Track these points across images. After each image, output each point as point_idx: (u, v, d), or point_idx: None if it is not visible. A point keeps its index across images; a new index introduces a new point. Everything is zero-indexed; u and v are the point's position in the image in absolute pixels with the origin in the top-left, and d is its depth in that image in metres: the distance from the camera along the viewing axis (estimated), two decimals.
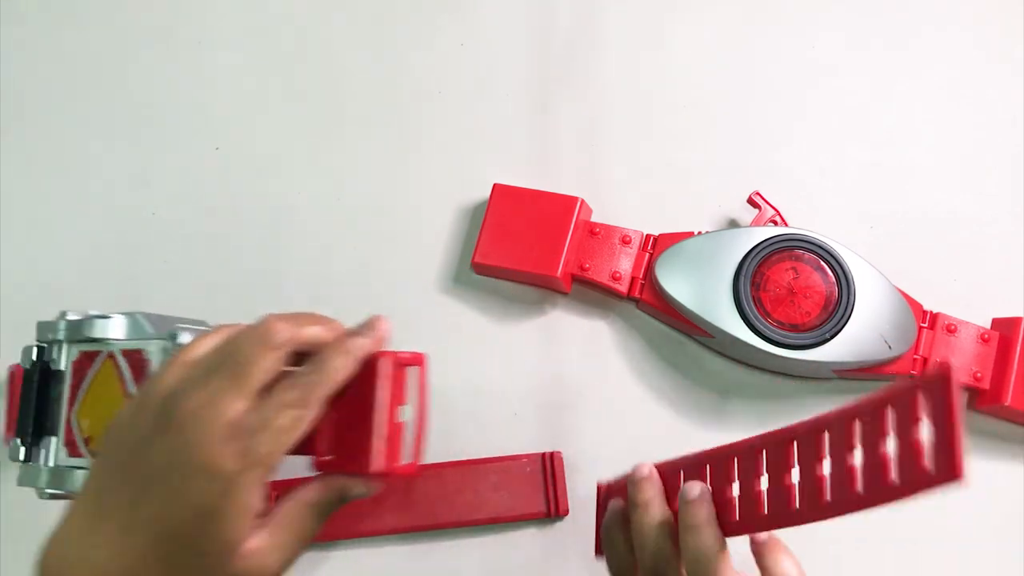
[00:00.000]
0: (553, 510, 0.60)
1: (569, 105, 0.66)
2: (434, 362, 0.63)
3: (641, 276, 0.61)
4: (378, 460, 0.40)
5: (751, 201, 0.62)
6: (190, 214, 0.66)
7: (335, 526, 0.60)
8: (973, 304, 0.61)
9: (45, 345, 0.53)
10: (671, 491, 0.46)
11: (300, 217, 0.66)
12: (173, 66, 0.68)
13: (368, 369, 0.41)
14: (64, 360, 0.53)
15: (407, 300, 0.64)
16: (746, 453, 0.43)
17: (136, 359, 0.50)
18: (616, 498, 0.49)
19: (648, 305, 0.61)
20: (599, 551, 0.50)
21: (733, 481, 0.43)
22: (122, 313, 0.51)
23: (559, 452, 0.60)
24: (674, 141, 0.66)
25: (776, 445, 0.41)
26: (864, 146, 0.65)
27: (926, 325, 0.60)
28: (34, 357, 0.53)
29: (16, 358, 0.64)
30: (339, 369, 0.40)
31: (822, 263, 0.58)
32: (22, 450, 0.53)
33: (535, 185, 0.63)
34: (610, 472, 0.52)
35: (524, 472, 0.60)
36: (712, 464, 0.45)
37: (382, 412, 0.41)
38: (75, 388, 0.52)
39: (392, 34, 0.68)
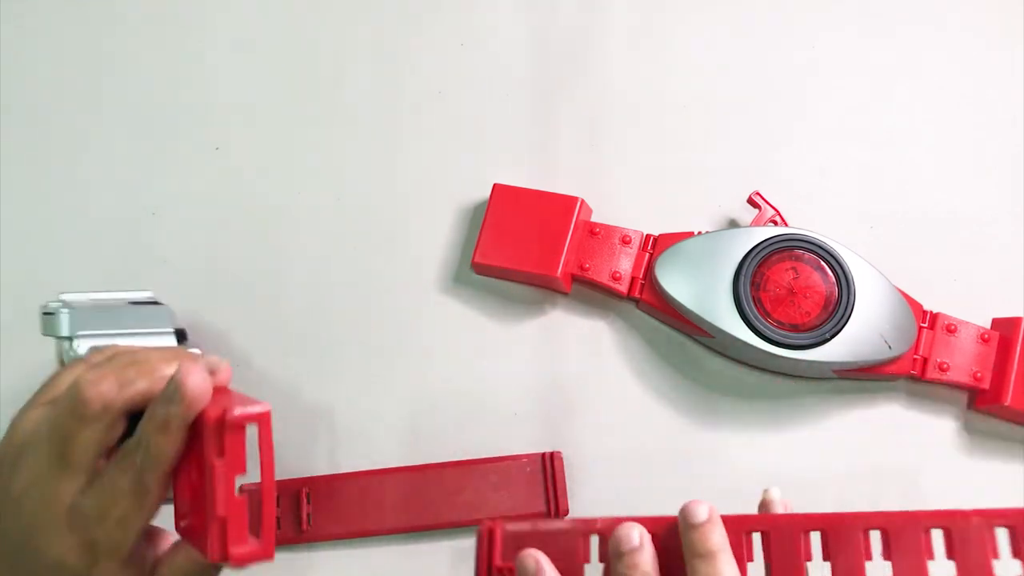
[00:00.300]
0: (553, 510, 0.60)
1: (569, 105, 0.66)
2: (434, 362, 0.64)
3: (641, 276, 0.61)
4: (215, 548, 0.35)
5: (751, 201, 0.62)
6: (190, 214, 0.66)
7: (335, 526, 0.60)
8: (973, 304, 0.61)
9: None
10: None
11: (300, 217, 0.66)
12: (173, 66, 0.68)
13: (199, 426, 0.36)
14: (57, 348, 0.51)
15: (407, 300, 0.64)
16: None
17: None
18: (533, 553, 0.41)
19: (648, 305, 0.61)
20: None
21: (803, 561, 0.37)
22: (68, 308, 0.48)
23: (559, 452, 0.60)
24: (674, 141, 0.66)
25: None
26: (864, 146, 0.65)
27: (926, 325, 0.60)
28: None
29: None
30: (164, 451, 0.36)
31: (822, 263, 0.58)
32: None
33: (535, 185, 0.63)
34: (610, 472, 0.52)
35: (524, 472, 0.60)
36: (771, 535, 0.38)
37: (213, 491, 0.35)
38: None
39: (392, 34, 0.68)
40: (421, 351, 0.63)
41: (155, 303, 0.52)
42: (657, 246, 0.61)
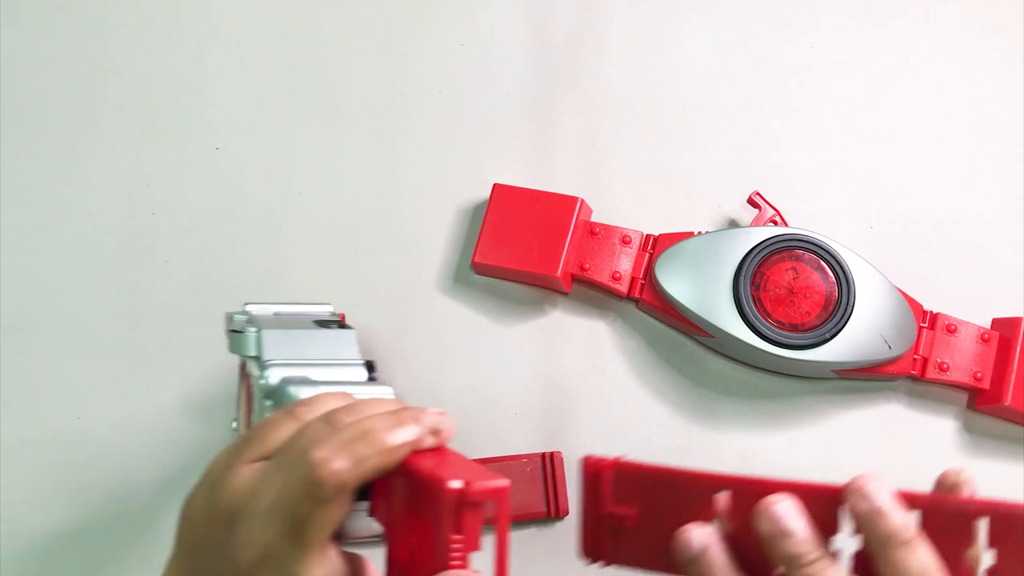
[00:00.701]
0: (553, 510, 0.60)
1: (569, 105, 0.66)
2: (434, 362, 0.64)
3: (641, 276, 0.61)
4: None
5: (751, 201, 0.62)
6: (190, 214, 0.66)
7: None
8: (973, 304, 0.61)
9: None
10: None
11: (299, 217, 0.66)
12: (173, 66, 0.68)
13: (431, 500, 0.34)
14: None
15: (407, 300, 0.64)
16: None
17: (250, 387, 0.46)
18: (700, 535, 0.38)
19: (648, 305, 0.61)
20: (589, 551, 0.41)
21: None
22: (256, 328, 0.46)
23: (559, 452, 0.60)
24: (674, 141, 0.66)
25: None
26: (864, 146, 0.65)
27: (926, 325, 0.60)
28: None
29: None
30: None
31: (822, 263, 0.58)
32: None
33: (535, 185, 0.63)
34: None
35: (524, 472, 0.60)
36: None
37: (447, 566, 0.34)
38: (248, 389, 0.49)
39: (392, 34, 0.68)
40: (421, 351, 0.63)
41: (336, 320, 0.50)
42: (657, 246, 0.61)
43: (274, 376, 0.41)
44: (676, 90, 0.67)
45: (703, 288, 0.58)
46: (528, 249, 0.61)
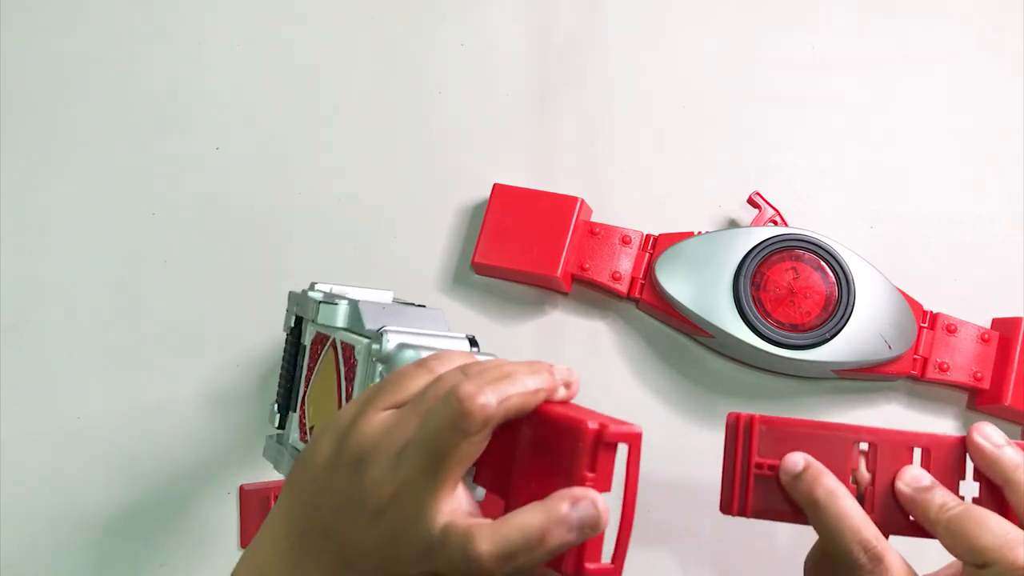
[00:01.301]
0: None
1: (569, 105, 0.66)
2: None
3: (641, 276, 0.61)
4: (570, 562, 0.34)
5: (751, 201, 0.62)
6: (190, 214, 0.66)
7: None
8: (973, 304, 0.61)
9: (303, 316, 0.52)
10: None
11: (299, 217, 0.66)
12: (173, 66, 0.68)
13: (566, 437, 0.35)
14: (308, 336, 0.51)
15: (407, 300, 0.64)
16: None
17: (348, 354, 0.46)
18: (803, 455, 0.43)
19: (648, 305, 0.61)
20: (735, 503, 0.44)
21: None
22: (347, 299, 0.48)
23: None
24: (674, 141, 0.66)
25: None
26: (864, 146, 0.65)
27: (926, 325, 0.60)
28: (292, 324, 0.52)
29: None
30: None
31: (822, 263, 0.58)
32: (277, 416, 0.52)
33: (535, 185, 0.63)
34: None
35: None
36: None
37: None
38: (311, 368, 0.50)
39: (392, 34, 0.68)
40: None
41: (415, 303, 0.52)
42: (657, 246, 0.61)
43: (392, 341, 0.42)
44: (676, 90, 0.66)
45: (703, 288, 0.58)
46: (528, 249, 0.61)
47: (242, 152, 0.67)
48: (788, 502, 0.43)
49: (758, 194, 0.62)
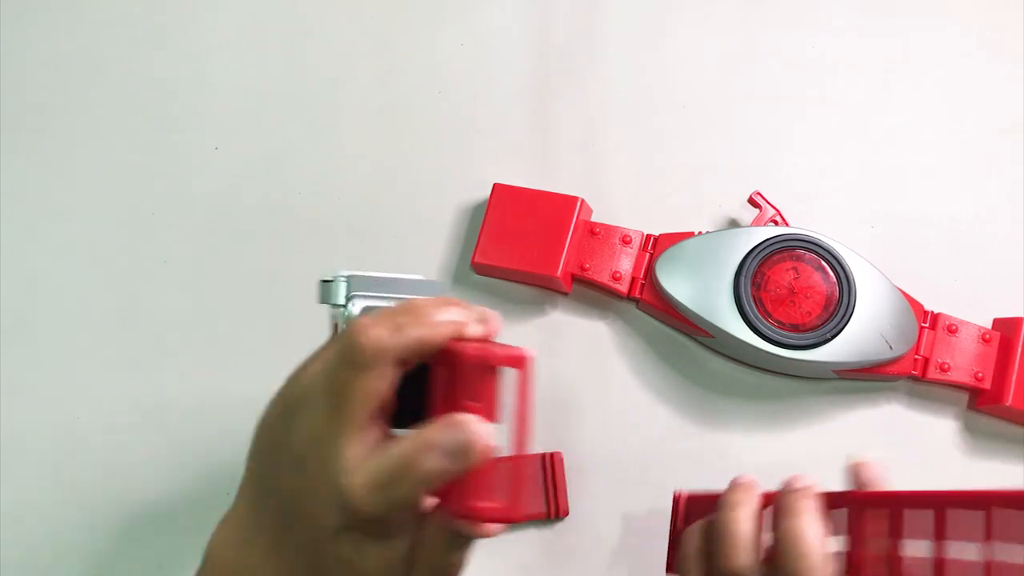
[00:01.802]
0: (553, 511, 0.59)
1: (569, 105, 0.66)
2: None
3: (641, 276, 0.61)
4: (455, 502, 0.33)
5: (751, 201, 0.62)
6: (190, 214, 0.66)
7: None
8: (974, 304, 0.61)
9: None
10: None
11: (299, 217, 0.66)
12: (173, 66, 0.68)
13: (456, 369, 0.34)
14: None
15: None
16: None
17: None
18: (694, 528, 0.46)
19: (648, 305, 0.61)
20: (671, 568, 0.48)
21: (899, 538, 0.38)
22: (343, 276, 0.46)
23: (559, 452, 0.60)
24: (674, 141, 0.66)
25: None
26: (864, 146, 0.65)
27: (927, 325, 0.60)
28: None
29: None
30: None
31: (823, 263, 0.58)
32: None
33: (535, 185, 0.63)
34: (610, 472, 0.52)
35: (524, 473, 0.60)
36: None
37: None
38: None
39: (392, 34, 0.68)
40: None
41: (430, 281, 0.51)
42: (657, 246, 0.61)
43: (357, 307, 0.42)
44: (676, 90, 0.66)
45: (703, 288, 0.58)
46: (528, 249, 0.61)
47: (242, 152, 0.67)
48: None
49: (758, 194, 0.62)
